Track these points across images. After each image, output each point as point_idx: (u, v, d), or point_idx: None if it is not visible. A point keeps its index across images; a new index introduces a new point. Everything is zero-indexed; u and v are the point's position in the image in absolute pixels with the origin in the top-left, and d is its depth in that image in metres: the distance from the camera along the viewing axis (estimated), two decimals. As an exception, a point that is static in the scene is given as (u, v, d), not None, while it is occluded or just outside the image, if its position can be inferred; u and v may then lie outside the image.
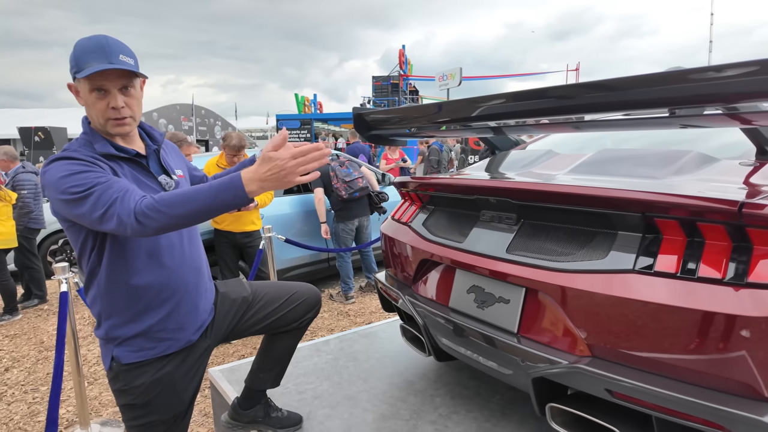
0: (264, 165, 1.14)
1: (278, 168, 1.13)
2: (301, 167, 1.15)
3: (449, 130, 2.15)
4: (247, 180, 1.14)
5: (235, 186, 1.13)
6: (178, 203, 1.12)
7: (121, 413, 1.38)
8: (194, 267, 1.42)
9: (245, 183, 1.13)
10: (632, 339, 1.19)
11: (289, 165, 1.14)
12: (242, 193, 1.13)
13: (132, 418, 1.35)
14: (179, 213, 1.12)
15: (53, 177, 1.19)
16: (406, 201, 2.17)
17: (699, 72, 1.06)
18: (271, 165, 1.13)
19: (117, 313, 1.30)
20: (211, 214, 1.16)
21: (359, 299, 4.58)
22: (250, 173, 1.14)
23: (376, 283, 2.22)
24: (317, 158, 1.18)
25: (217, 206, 1.14)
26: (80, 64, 1.21)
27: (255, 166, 1.15)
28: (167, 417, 1.37)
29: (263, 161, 1.14)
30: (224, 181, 1.15)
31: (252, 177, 1.14)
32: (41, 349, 3.77)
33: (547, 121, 1.66)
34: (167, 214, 1.12)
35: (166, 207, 1.12)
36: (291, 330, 1.68)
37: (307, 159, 1.16)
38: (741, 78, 0.99)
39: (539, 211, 1.45)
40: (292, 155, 1.14)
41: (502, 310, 1.47)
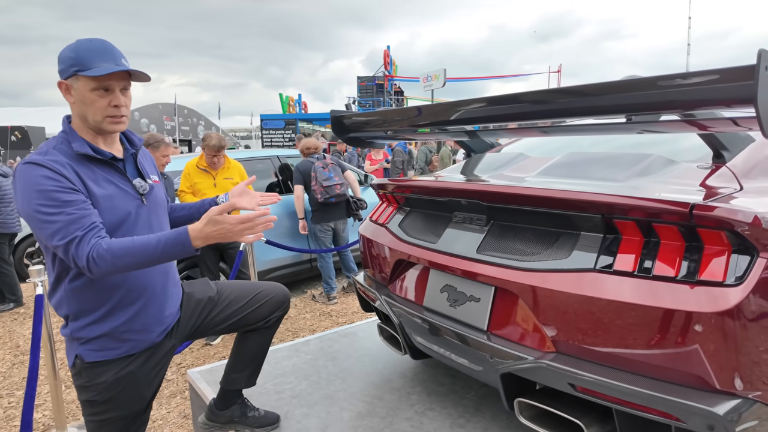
0: (211, 226, 1.26)
1: (225, 230, 1.27)
2: (246, 231, 1.29)
3: (426, 133, 2.19)
4: (194, 237, 1.26)
5: (182, 242, 1.24)
6: (125, 254, 1.20)
7: (81, 408, 1.41)
8: (162, 269, 1.44)
9: (192, 240, 1.25)
10: (594, 335, 1.25)
11: (236, 230, 1.27)
12: (189, 248, 1.26)
13: (92, 414, 1.38)
14: (125, 264, 1.21)
15: (25, 185, 1.21)
16: (383, 202, 2.20)
17: (655, 80, 1.11)
18: (218, 227, 1.26)
19: (84, 314, 1.32)
20: (155, 264, 1.26)
21: (341, 300, 4.61)
22: (196, 231, 1.26)
23: (355, 284, 2.25)
24: (263, 223, 1.30)
25: (162, 258, 1.25)
26: (86, 63, 1.24)
27: (201, 225, 1.26)
28: (127, 413, 1.40)
29: (210, 222, 1.26)
30: (171, 236, 1.25)
31: (198, 235, 1.26)
32: (17, 353, 3.72)
33: (516, 125, 1.71)
34: (114, 264, 1.20)
35: (113, 257, 1.19)
36: (259, 329, 1.70)
37: (253, 224, 1.29)
38: (697, 86, 1.04)
39: (508, 212, 1.50)
40: (239, 221, 1.26)
41: (473, 309, 1.52)
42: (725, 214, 1.09)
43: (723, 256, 1.12)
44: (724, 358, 1.09)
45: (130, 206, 1.35)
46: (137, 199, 1.38)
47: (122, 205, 1.33)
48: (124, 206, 1.33)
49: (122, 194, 1.34)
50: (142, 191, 1.40)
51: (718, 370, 1.10)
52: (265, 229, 1.31)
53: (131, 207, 1.35)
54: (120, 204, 1.32)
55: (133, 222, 1.35)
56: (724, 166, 1.44)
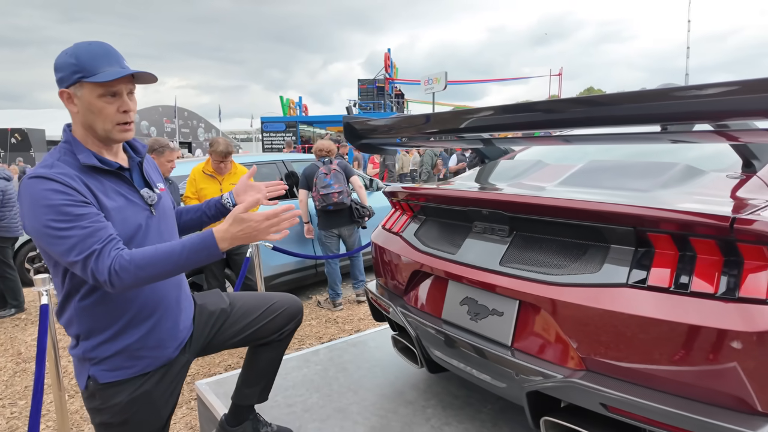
0: (236, 225, 1.20)
1: (251, 228, 1.21)
2: (273, 228, 1.22)
3: (440, 141, 2.15)
4: (219, 239, 1.20)
5: (208, 246, 1.18)
6: (149, 264, 1.14)
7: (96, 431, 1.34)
8: (175, 282, 1.39)
9: (218, 242, 1.19)
10: (626, 353, 1.20)
11: (262, 227, 1.21)
12: (215, 251, 1.19)
13: None
14: (150, 274, 1.15)
15: (33, 201, 1.14)
16: (396, 210, 2.16)
17: (691, 90, 1.07)
18: (243, 226, 1.20)
19: (96, 333, 1.26)
20: (181, 272, 1.20)
21: (347, 306, 4.55)
22: (221, 232, 1.20)
23: (367, 293, 2.20)
24: (288, 218, 1.24)
25: (188, 265, 1.19)
26: (90, 69, 1.18)
27: (226, 225, 1.21)
28: None
29: (236, 222, 1.20)
30: (196, 240, 1.18)
31: (223, 236, 1.20)
32: (19, 361, 3.66)
33: (540, 134, 1.66)
34: (138, 276, 1.14)
35: (137, 268, 1.13)
36: (272, 342, 1.65)
37: (280, 220, 1.23)
38: (736, 96, 1.00)
39: (532, 223, 1.46)
40: (266, 217, 1.21)
41: (496, 323, 1.47)
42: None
43: (765, 271, 1.07)
44: (766, 378, 1.04)
45: (140, 218, 1.29)
46: (146, 210, 1.33)
47: (132, 217, 1.27)
48: (134, 218, 1.27)
49: (131, 206, 1.29)
50: (151, 202, 1.34)
51: (760, 391, 1.05)
52: (291, 225, 1.24)
53: (141, 219, 1.30)
54: (130, 216, 1.26)
55: (144, 234, 1.29)
56: (755, 176, 1.40)
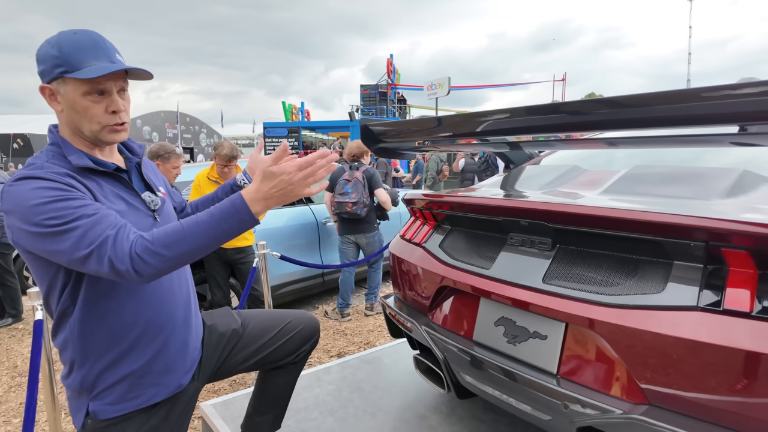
0: (267, 181, 1.02)
1: (285, 183, 1.01)
2: (309, 179, 1.04)
3: (464, 144, 2.00)
4: (251, 200, 1.01)
5: (238, 210, 1.00)
6: (175, 241, 0.96)
7: None
8: (184, 298, 1.24)
9: (249, 204, 1.00)
10: (698, 386, 1.04)
11: (297, 178, 1.02)
12: (248, 215, 1.00)
13: None
14: (179, 253, 0.97)
15: (20, 202, 0.97)
16: (416, 219, 2.01)
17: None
18: (275, 181, 1.01)
19: (94, 358, 1.11)
20: (213, 247, 1.01)
21: (355, 316, 4.39)
22: (251, 192, 1.02)
23: (384, 308, 2.05)
24: (324, 166, 1.05)
25: (220, 236, 1.00)
26: (74, 63, 1.02)
27: (256, 184, 1.02)
28: None
29: (266, 177, 1.02)
30: (225, 206, 1.00)
31: (255, 197, 1.01)
32: (14, 375, 3.50)
33: (580, 136, 1.52)
34: (165, 257, 0.96)
35: (162, 248, 0.96)
36: (286, 365, 1.50)
37: (315, 168, 1.04)
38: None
39: (580, 236, 1.30)
40: (298, 166, 1.02)
41: (538, 347, 1.32)
42: None
43: None
44: None
45: (143, 225, 1.13)
46: (149, 216, 1.18)
47: (134, 223, 1.09)
48: (136, 225, 1.09)
49: (133, 211, 1.14)
50: (154, 207, 1.19)
51: None
52: (329, 172, 1.05)
53: (145, 225, 1.14)
54: (132, 223, 1.08)
55: None
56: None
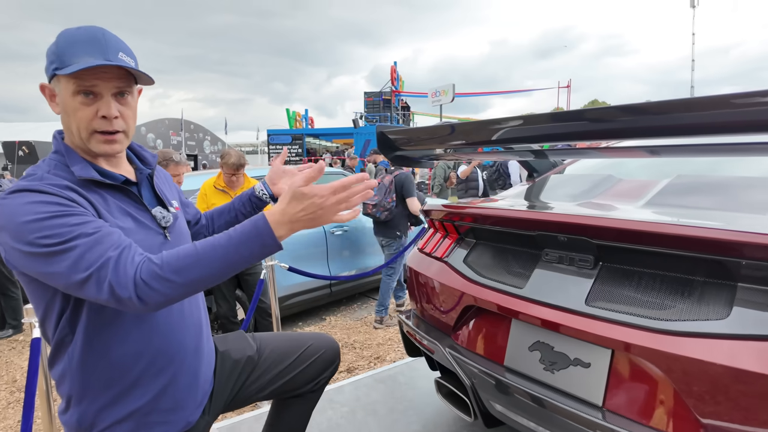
0: (296, 203, 0.90)
1: (315, 206, 0.90)
2: (342, 204, 0.92)
3: (485, 153, 1.89)
4: (276, 223, 0.89)
5: (261, 233, 0.88)
6: (187, 266, 0.85)
7: None
8: (195, 322, 1.12)
9: (274, 227, 0.88)
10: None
11: (329, 203, 0.90)
12: (272, 240, 0.89)
13: None
14: (191, 279, 0.85)
15: (13, 218, 0.86)
16: (435, 231, 1.89)
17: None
18: (306, 203, 0.89)
19: (94, 394, 0.99)
20: (229, 274, 0.89)
21: (363, 329, 4.26)
22: (277, 215, 0.90)
23: (401, 325, 1.93)
24: (360, 192, 0.94)
25: (239, 263, 0.88)
26: (64, 58, 0.91)
27: (282, 205, 0.90)
28: None
29: (295, 198, 0.90)
30: (246, 228, 0.89)
31: (280, 219, 0.89)
32: (13, 390, 3.39)
33: (619, 144, 1.40)
34: (175, 284, 0.84)
35: (173, 273, 0.84)
36: (304, 394, 1.38)
37: (350, 193, 0.92)
38: None
39: (625, 253, 1.19)
40: (332, 190, 0.91)
41: (580, 376, 1.19)
42: None
43: None
44: None
45: (151, 243, 1.02)
46: (159, 233, 1.06)
47: (142, 242, 0.98)
48: (144, 244, 0.98)
49: (142, 229, 1.02)
50: (165, 223, 1.07)
51: None
52: (365, 198, 0.93)
53: (153, 244, 1.02)
54: (139, 241, 0.97)
55: None
56: None
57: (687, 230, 1.03)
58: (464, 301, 1.53)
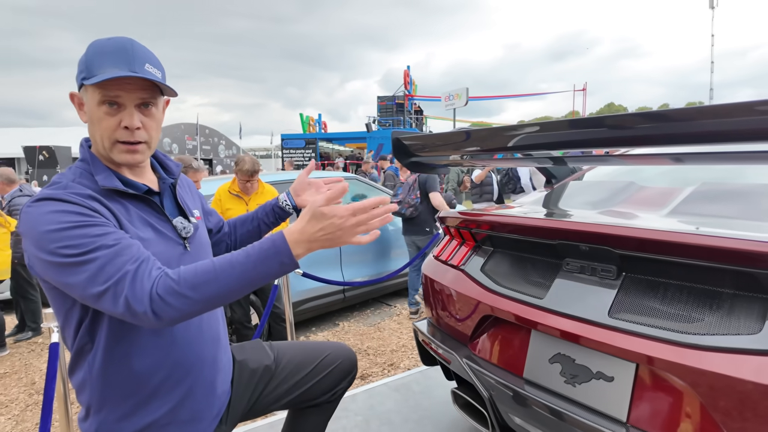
0: (315, 222, 0.90)
1: (334, 227, 0.90)
2: (361, 227, 0.92)
3: (504, 159, 1.86)
4: (294, 242, 0.89)
5: (280, 251, 0.88)
6: (205, 282, 0.85)
7: None
8: (212, 336, 1.11)
9: (292, 246, 0.89)
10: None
11: (348, 224, 0.90)
12: (289, 259, 0.89)
13: None
14: (207, 295, 0.85)
15: (36, 227, 0.88)
16: (451, 238, 1.87)
17: None
18: (325, 223, 0.89)
19: (113, 404, 0.99)
20: (246, 291, 0.89)
21: (377, 335, 4.24)
22: (296, 234, 0.90)
23: (416, 334, 1.91)
24: (380, 215, 0.93)
25: (256, 280, 0.88)
26: (92, 68, 0.93)
27: (301, 224, 0.90)
28: None
29: (314, 218, 0.90)
30: (265, 246, 0.89)
31: (299, 238, 0.90)
32: (32, 392, 3.43)
33: (642, 151, 1.37)
34: (191, 300, 0.84)
35: (189, 289, 0.84)
36: (321, 404, 1.37)
37: (369, 216, 0.92)
38: None
39: (650, 263, 1.15)
40: (352, 211, 0.90)
41: (603, 390, 1.16)
42: None
43: None
44: None
45: (171, 254, 1.03)
46: (179, 244, 1.06)
47: (163, 253, 0.99)
48: (164, 254, 0.99)
49: (162, 239, 1.03)
50: (185, 234, 1.08)
51: None
52: (384, 223, 0.93)
53: (173, 254, 1.03)
54: (160, 252, 0.98)
55: None
56: None
57: (716, 241, 1.00)
58: (482, 310, 1.50)
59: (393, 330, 4.30)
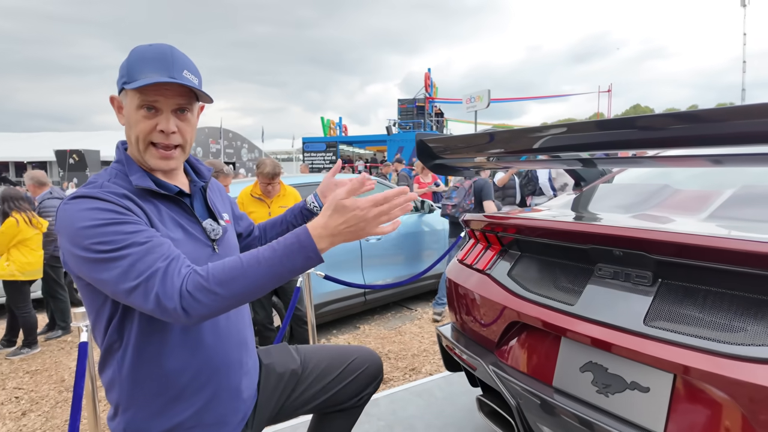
0: (337, 215, 0.90)
1: (357, 219, 0.90)
2: (383, 216, 0.92)
3: (531, 161, 1.83)
4: (318, 236, 0.89)
5: (304, 246, 0.88)
6: (232, 278, 0.86)
7: None
8: (240, 340, 1.12)
9: (316, 240, 0.89)
10: None
11: (371, 215, 0.90)
12: (314, 253, 0.89)
13: None
14: (235, 291, 0.86)
15: (71, 223, 0.90)
16: (476, 241, 1.84)
17: None
18: (347, 215, 0.90)
19: (141, 404, 1.00)
20: (273, 286, 0.90)
21: (398, 338, 4.22)
22: (319, 228, 0.90)
23: (440, 339, 1.88)
24: (400, 204, 0.93)
25: (283, 275, 0.89)
26: (132, 73, 0.97)
27: (324, 218, 0.91)
28: None
29: (336, 211, 0.90)
30: (289, 242, 0.89)
31: (322, 233, 0.90)
32: (61, 389, 3.52)
33: (676, 153, 1.31)
34: (219, 296, 0.85)
35: (217, 285, 0.85)
36: (347, 408, 1.36)
37: (391, 206, 0.92)
38: None
39: (687, 270, 1.10)
40: (374, 202, 0.91)
41: (639, 402, 1.11)
42: None
43: None
44: None
45: (199, 255, 1.04)
46: (208, 246, 1.08)
47: (191, 253, 1.01)
48: (192, 255, 1.01)
49: (191, 240, 1.04)
50: (214, 236, 1.09)
51: None
52: (404, 212, 0.94)
53: (202, 256, 1.04)
54: (188, 252, 1.00)
55: None
56: None
57: (761, 246, 0.95)
58: (509, 316, 1.47)
59: (414, 334, 4.27)
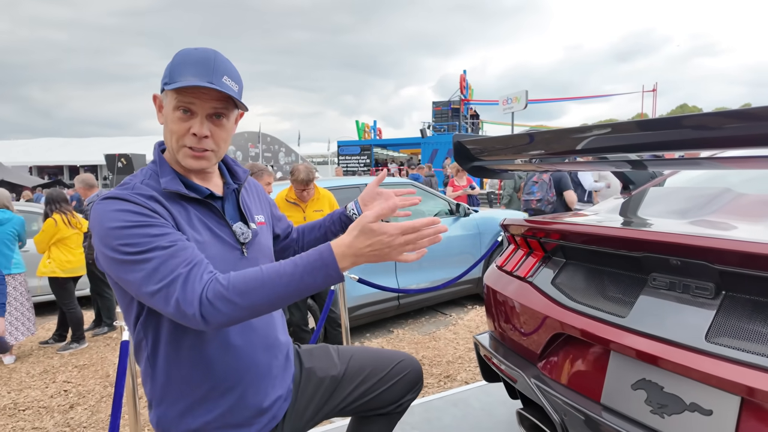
0: (363, 238, 0.89)
1: (382, 244, 0.89)
2: (409, 246, 0.90)
3: (571, 163, 1.74)
4: (341, 255, 0.89)
5: (326, 263, 0.88)
6: (252, 289, 0.86)
7: None
8: (268, 343, 1.11)
9: (338, 259, 0.88)
10: None
11: (397, 242, 0.89)
12: (335, 272, 0.89)
13: None
14: (254, 302, 0.87)
15: (101, 223, 0.93)
16: (516, 247, 1.76)
17: None
18: (373, 240, 0.88)
19: (170, 401, 1.02)
20: (292, 300, 0.90)
21: (432, 344, 4.15)
22: (343, 247, 0.89)
23: (477, 348, 1.81)
24: (430, 236, 0.91)
25: (302, 290, 0.88)
26: (173, 75, 0.98)
27: (350, 238, 0.89)
28: None
29: (363, 233, 0.89)
30: (312, 258, 0.89)
31: (345, 252, 0.89)
32: (106, 384, 3.65)
33: (737, 154, 1.21)
34: (238, 306, 0.86)
35: (237, 295, 0.86)
36: (387, 414, 1.33)
37: (418, 236, 0.90)
38: None
39: (755, 282, 1.00)
40: (402, 230, 0.89)
41: (699, 425, 1.02)
42: None
43: None
44: None
45: (227, 258, 1.04)
46: (237, 249, 1.07)
47: (217, 256, 1.01)
48: (219, 258, 1.01)
49: (218, 243, 1.04)
50: (243, 239, 1.09)
51: None
52: (433, 243, 0.92)
53: (229, 259, 1.04)
54: (216, 255, 1.01)
55: None
56: None
57: None
58: (553, 327, 1.39)
59: (449, 340, 4.19)
